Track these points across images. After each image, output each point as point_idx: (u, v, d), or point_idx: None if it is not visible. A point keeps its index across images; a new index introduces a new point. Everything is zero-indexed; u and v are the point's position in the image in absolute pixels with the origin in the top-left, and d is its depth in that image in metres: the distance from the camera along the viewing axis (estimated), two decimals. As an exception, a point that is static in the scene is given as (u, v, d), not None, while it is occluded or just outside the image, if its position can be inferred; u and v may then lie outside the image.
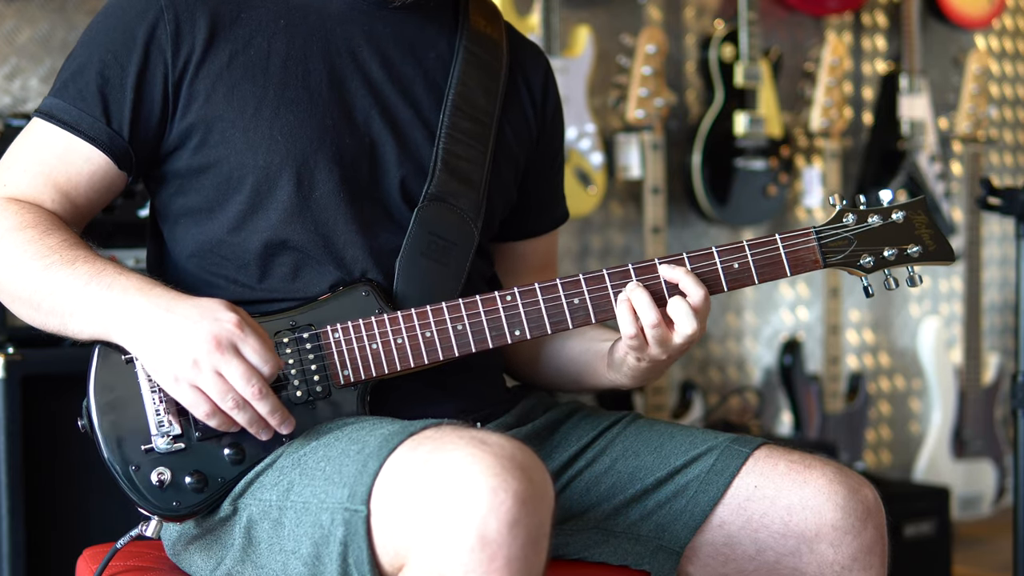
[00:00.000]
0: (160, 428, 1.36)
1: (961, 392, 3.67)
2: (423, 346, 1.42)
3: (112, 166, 1.45)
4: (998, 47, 4.02)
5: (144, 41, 1.44)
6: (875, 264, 1.48)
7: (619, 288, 1.45)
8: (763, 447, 1.49)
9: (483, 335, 1.43)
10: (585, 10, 3.21)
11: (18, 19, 2.56)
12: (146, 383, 1.36)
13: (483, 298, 1.43)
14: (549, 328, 1.44)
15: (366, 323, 1.42)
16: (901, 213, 1.49)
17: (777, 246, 1.47)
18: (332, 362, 1.41)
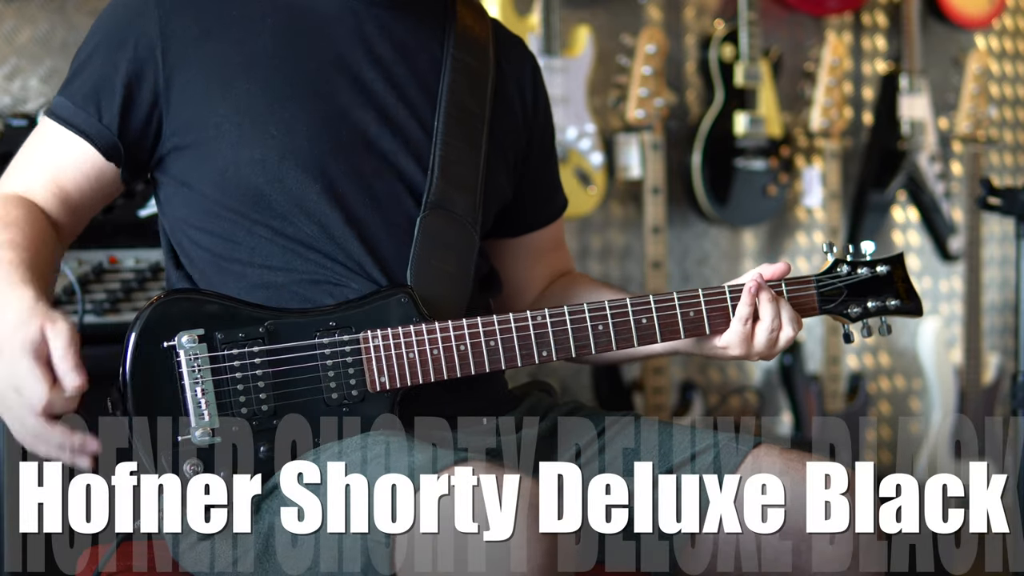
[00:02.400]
0: (199, 420, 1.37)
1: (961, 392, 3.67)
2: (457, 359, 1.46)
3: (100, 158, 1.51)
4: (998, 47, 4.02)
5: (135, 41, 1.49)
6: (860, 314, 1.59)
7: (641, 316, 1.50)
8: (761, 445, 1.49)
9: (513, 353, 1.47)
10: (585, 10, 3.21)
11: (18, 19, 2.56)
12: (188, 371, 1.37)
13: (515, 316, 1.48)
14: (574, 352, 1.50)
15: (405, 331, 1.45)
16: (885, 267, 1.59)
17: (782, 289, 1.56)
18: (370, 368, 1.43)
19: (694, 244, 3.44)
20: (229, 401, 1.38)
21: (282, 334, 1.42)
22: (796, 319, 1.53)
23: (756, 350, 1.53)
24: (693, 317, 1.52)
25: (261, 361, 1.40)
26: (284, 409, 1.40)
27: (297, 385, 1.41)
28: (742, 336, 1.52)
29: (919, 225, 3.79)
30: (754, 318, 1.52)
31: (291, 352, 1.41)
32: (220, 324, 1.39)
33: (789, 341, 1.54)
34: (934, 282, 3.88)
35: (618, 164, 3.14)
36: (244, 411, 1.39)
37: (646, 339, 1.51)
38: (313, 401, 1.42)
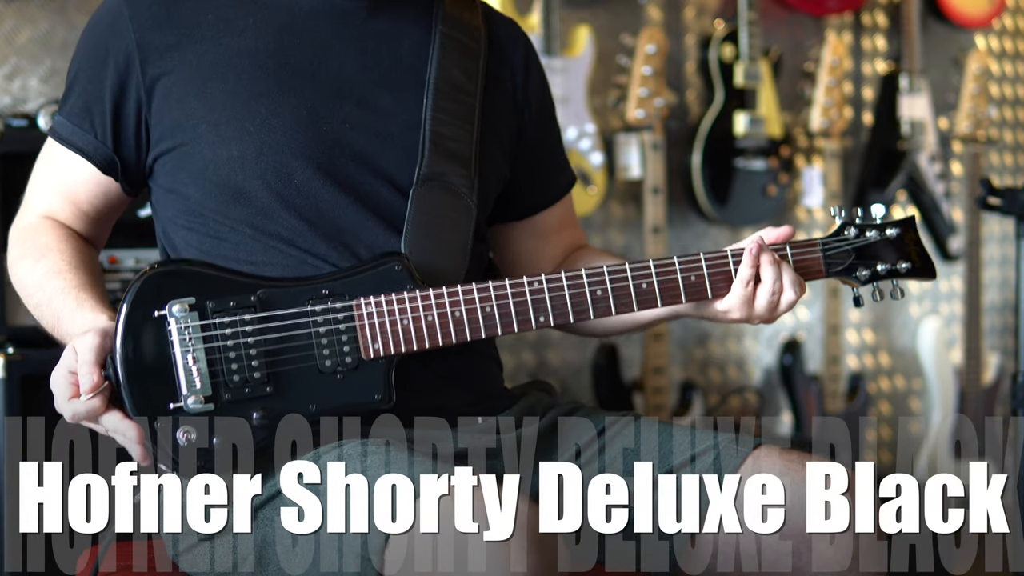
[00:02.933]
0: (192, 388, 1.37)
1: (961, 392, 3.67)
2: (452, 325, 1.45)
3: (100, 174, 1.56)
4: (998, 47, 4.02)
5: (114, 55, 1.52)
6: (869, 277, 1.56)
7: (641, 281, 1.48)
8: (762, 446, 1.49)
9: (509, 319, 1.46)
10: (585, 10, 3.21)
11: (18, 19, 2.57)
12: (178, 340, 1.38)
13: (511, 282, 1.46)
14: (572, 317, 1.48)
15: (399, 298, 1.44)
16: (895, 230, 1.58)
17: (787, 254, 1.53)
18: (363, 334, 1.43)
19: (694, 244, 3.44)
20: (221, 368, 1.39)
21: (274, 302, 1.42)
22: (798, 282, 1.52)
23: (757, 313, 1.52)
24: (695, 281, 1.51)
25: (253, 329, 1.40)
26: (277, 377, 1.40)
27: (290, 352, 1.41)
28: (743, 299, 1.51)
29: (919, 225, 3.78)
30: (756, 281, 1.51)
31: (283, 320, 1.41)
32: (211, 293, 1.40)
33: (791, 305, 1.52)
34: (934, 282, 3.88)
35: (618, 164, 3.14)
36: (236, 379, 1.39)
37: (646, 304, 1.50)
38: (306, 368, 1.41)
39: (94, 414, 1.36)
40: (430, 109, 1.56)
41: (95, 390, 1.35)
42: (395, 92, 1.55)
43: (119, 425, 1.37)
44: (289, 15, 1.54)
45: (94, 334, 1.38)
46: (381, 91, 1.54)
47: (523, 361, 3.20)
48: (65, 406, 1.37)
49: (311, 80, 1.51)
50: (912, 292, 3.84)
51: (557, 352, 3.25)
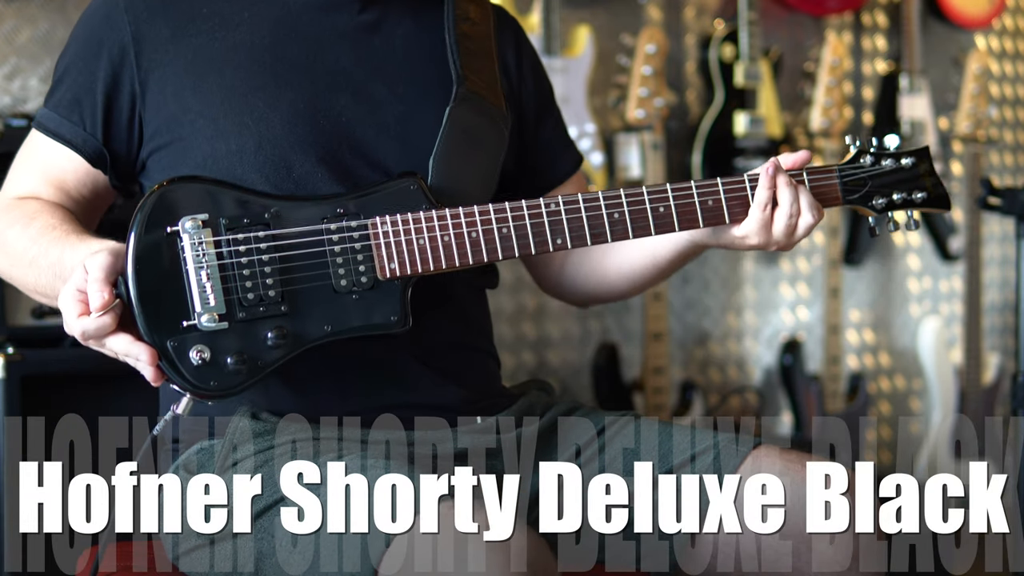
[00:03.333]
0: (205, 306, 1.35)
1: (961, 392, 3.67)
2: (468, 246, 1.43)
3: (88, 167, 1.54)
4: (998, 47, 4.02)
5: (108, 48, 1.51)
6: (885, 206, 1.56)
7: (658, 205, 1.47)
8: (761, 446, 1.49)
9: (526, 240, 1.45)
10: (585, 10, 3.21)
11: (18, 19, 2.57)
12: (192, 256, 1.35)
13: (528, 203, 1.45)
14: (589, 239, 1.46)
15: (415, 218, 1.42)
16: (910, 159, 1.56)
17: (804, 179, 1.52)
18: (379, 254, 1.41)
19: (694, 244, 3.44)
20: (235, 286, 1.36)
21: (288, 219, 1.39)
22: (816, 206, 1.50)
23: (775, 238, 1.50)
24: (712, 206, 1.49)
25: (267, 247, 1.38)
26: (292, 295, 1.38)
27: (305, 271, 1.39)
28: (761, 223, 1.49)
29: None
30: (773, 205, 1.50)
31: (298, 237, 1.39)
32: (225, 209, 1.37)
33: (809, 228, 1.50)
34: (934, 282, 3.88)
35: (618, 164, 3.14)
36: (251, 296, 1.36)
37: (663, 227, 1.48)
38: (321, 287, 1.39)
39: (104, 331, 1.32)
40: (455, 52, 1.56)
41: (106, 307, 1.32)
42: (390, 83, 1.55)
43: (131, 348, 1.34)
44: (284, 9, 1.54)
45: (105, 253, 1.35)
46: (376, 82, 1.54)
47: (523, 361, 3.20)
48: (74, 323, 1.33)
49: (307, 73, 1.51)
50: (912, 292, 3.84)
51: (557, 352, 3.25)
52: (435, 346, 1.54)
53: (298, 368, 1.49)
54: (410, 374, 1.51)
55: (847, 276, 3.66)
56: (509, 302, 3.17)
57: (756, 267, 3.56)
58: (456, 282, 1.59)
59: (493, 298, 1.73)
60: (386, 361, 1.51)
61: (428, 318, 1.54)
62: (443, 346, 1.55)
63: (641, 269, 1.65)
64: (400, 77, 1.55)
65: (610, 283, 1.70)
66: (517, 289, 3.18)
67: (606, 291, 1.72)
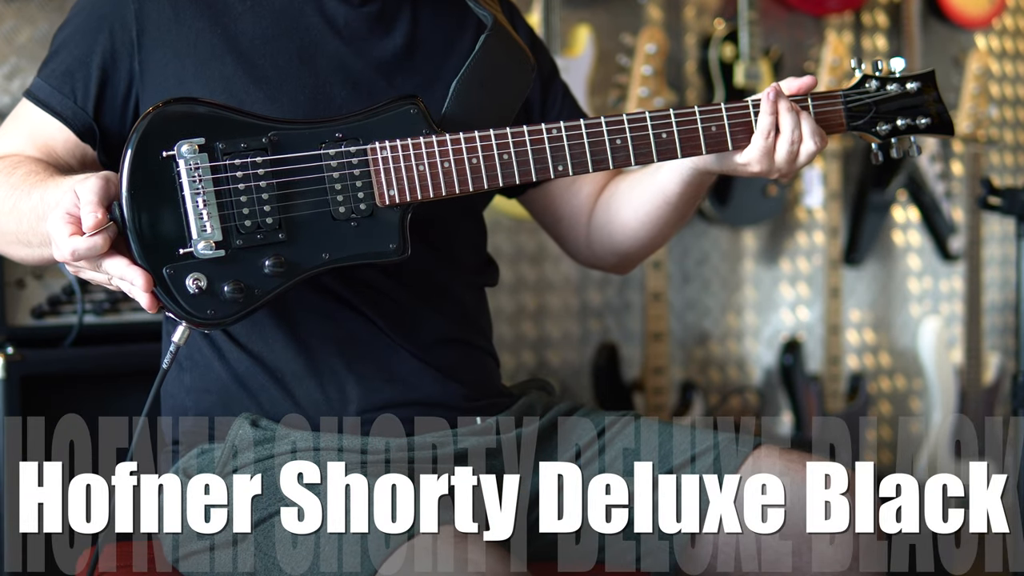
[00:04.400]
0: (202, 232, 1.32)
1: (961, 392, 3.67)
2: (469, 172, 1.41)
3: (76, 139, 1.51)
4: (998, 47, 4.02)
5: (111, 24, 1.49)
6: (890, 132, 1.53)
7: (661, 131, 1.45)
8: (762, 446, 1.49)
9: (528, 167, 1.42)
10: (585, 10, 3.21)
11: (18, 19, 2.57)
12: (188, 181, 1.32)
13: (530, 129, 1.43)
14: (591, 165, 1.44)
15: (415, 143, 1.39)
16: (915, 84, 1.53)
17: (808, 105, 1.50)
18: (378, 180, 1.38)
19: (694, 244, 3.44)
20: (232, 212, 1.33)
21: (286, 144, 1.36)
22: (818, 132, 1.48)
23: (777, 165, 1.48)
24: (715, 132, 1.47)
25: (265, 172, 1.34)
26: (290, 223, 1.35)
27: (303, 197, 1.36)
28: (763, 151, 1.47)
29: (919, 225, 3.79)
30: (776, 132, 1.47)
31: (296, 163, 1.36)
32: (221, 133, 1.33)
33: (811, 156, 1.48)
34: (934, 282, 3.88)
35: (618, 164, 3.13)
36: (248, 223, 1.33)
37: (666, 154, 1.45)
38: (320, 214, 1.37)
39: (95, 252, 1.28)
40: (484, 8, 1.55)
41: (98, 227, 1.27)
42: (390, 76, 1.54)
43: (126, 272, 1.29)
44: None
45: (96, 177, 1.30)
46: (376, 75, 1.54)
47: (523, 361, 3.20)
48: (65, 243, 1.28)
49: (307, 65, 1.51)
50: (912, 292, 3.84)
51: (557, 352, 3.25)
52: (434, 343, 1.54)
53: (297, 367, 1.49)
54: (409, 372, 1.51)
55: (847, 276, 3.66)
56: (509, 302, 3.17)
57: (756, 267, 3.56)
58: (456, 280, 1.59)
59: (493, 298, 1.73)
60: (385, 359, 1.51)
61: (427, 315, 1.54)
62: (442, 343, 1.55)
63: (656, 210, 1.63)
64: (400, 69, 1.55)
65: (633, 233, 1.67)
66: (517, 289, 3.18)
67: (632, 244, 1.69)
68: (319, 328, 1.49)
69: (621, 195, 1.66)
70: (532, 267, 3.19)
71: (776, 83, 1.50)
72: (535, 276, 3.19)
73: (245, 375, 1.50)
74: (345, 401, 1.49)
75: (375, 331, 1.50)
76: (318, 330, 1.49)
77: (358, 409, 1.49)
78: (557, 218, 1.74)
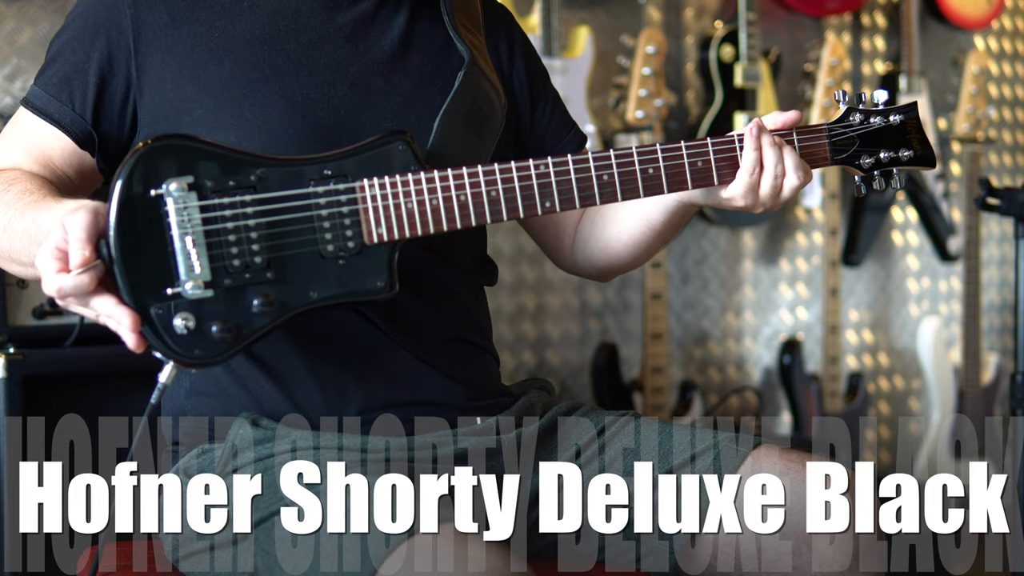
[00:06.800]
0: (190, 273, 1.31)
1: (960, 392, 3.68)
2: (457, 209, 1.40)
3: (75, 147, 1.51)
4: (997, 48, 4.03)
5: (107, 30, 1.49)
6: (872, 165, 1.55)
7: (647, 166, 1.46)
8: (761, 446, 1.49)
9: (515, 203, 1.42)
10: (585, 10, 3.21)
11: (19, 20, 2.57)
12: (176, 221, 1.31)
13: (517, 165, 1.42)
14: (578, 202, 1.44)
15: (403, 180, 1.39)
16: (899, 116, 1.55)
17: (792, 138, 1.52)
18: (367, 218, 1.37)
19: (693, 244, 3.44)
20: (221, 252, 1.32)
21: (275, 182, 1.34)
22: (802, 167, 1.49)
23: (761, 200, 1.49)
24: (701, 167, 1.47)
25: (253, 211, 1.33)
26: (278, 261, 1.34)
27: (291, 236, 1.35)
28: (748, 186, 1.48)
29: (918, 225, 3.79)
30: (760, 167, 1.48)
31: (284, 201, 1.35)
32: (210, 171, 1.32)
33: (795, 190, 1.49)
34: (933, 282, 3.88)
35: (618, 164, 3.13)
36: (236, 263, 1.32)
37: (652, 190, 1.46)
38: (308, 253, 1.36)
39: (81, 290, 1.27)
40: (461, 43, 1.56)
41: (86, 265, 1.26)
42: (387, 75, 1.54)
43: (113, 310, 1.28)
44: (283, 0, 1.54)
45: (85, 211, 1.29)
46: (374, 74, 1.54)
47: (523, 361, 3.20)
48: (52, 280, 1.27)
49: (305, 66, 1.51)
50: (911, 292, 3.85)
51: (557, 352, 3.25)
52: (434, 343, 1.54)
53: (297, 367, 1.49)
54: (409, 371, 1.51)
55: (846, 276, 3.66)
56: (509, 302, 3.17)
57: (755, 267, 3.57)
58: (455, 279, 1.59)
59: (493, 298, 1.73)
60: (385, 358, 1.51)
61: (427, 315, 1.54)
62: (442, 343, 1.55)
63: (639, 235, 1.64)
64: (397, 68, 1.55)
65: (615, 253, 1.69)
66: (517, 289, 3.18)
67: (614, 262, 1.71)
68: (318, 328, 1.49)
69: (607, 215, 1.67)
70: (532, 267, 3.19)
71: (759, 118, 1.51)
72: (535, 276, 3.19)
73: (245, 376, 1.50)
74: (345, 401, 1.49)
75: (374, 331, 1.50)
76: (317, 330, 1.49)
77: (358, 409, 1.49)
78: (543, 225, 1.76)
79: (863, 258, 3.68)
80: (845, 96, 1.55)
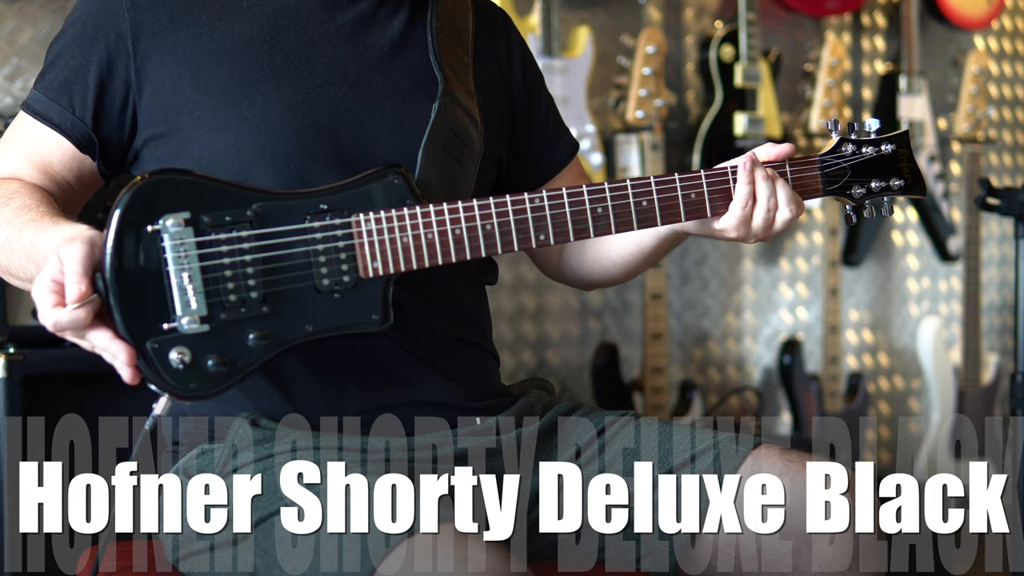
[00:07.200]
0: (186, 308, 1.31)
1: (960, 392, 3.68)
2: (452, 243, 1.41)
3: (75, 151, 1.52)
4: (997, 48, 4.03)
5: (106, 33, 1.50)
6: (864, 195, 1.56)
7: (641, 199, 1.47)
8: (761, 446, 1.49)
9: (510, 236, 1.43)
10: (585, 10, 3.21)
11: (19, 20, 2.57)
12: (173, 257, 1.31)
13: (512, 198, 1.43)
14: (572, 235, 1.45)
15: (399, 215, 1.39)
16: (890, 146, 1.56)
17: (785, 170, 1.53)
18: (362, 252, 1.38)
19: (693, 244, 3.44)
20: (217, 288, 1.33)
21: (271, 217, 1.35)
22: (794, 199, 1.50)
23: (753, 232, 1.51)
24: (695, 199, 1.49)
25: (250, 247, 1.34)
26: (274, 296, 1.35)
27: (287, 271, 1.36)
28: (741, 219, 1.50)
29: (918, 225, 3.79)
30: (753, 200, 1.50)
31: (281, 236, 1.36)
32: (206, 206, 1.32)
33: (787, 223, 1.50)
34: (933, 282, 3.88)
35: (618, 164, 3.14)
36: (233, 298, 1.33)
37: (646, 222, 1.47)
38: (304, 288, 1.36)
39: (78, 324, 1.27)
40: (439, 68, 1.56)
41: (82, 300, 1.27)
42: (386, 74, 1.55)
43: (109, 344, 1.29)
44: (282, 0, 1.54)
45: (81, 243, 1.29)
46: (373, 74, 1.54)
47: (523, 361, 3.20)
48: (48, 314, 1.27)
49: (304, 65, 1.51)
50: (911, 292, 3.85)
51: (557, 352, 3.25)
52: (434, 343, 1.54)
53: (297, 368, 1.49)
54: (409, 372, 1.51)
55: (846, 276, 3.66)
56: (509, 302, 3.17)
57: (755, 267, 3.57)
58: (455, 279, 1.59)
59: (493, 298, 1.73)
60: (385, 359, 1.51)
61: (427, 315, 1.54)
62: (442, 343, 1.55)
63: (629, 257, 1.67)
64: (396, 68, 1.55)
65: (604, 270, 1.71)
66: (517, 289, 3.18)
67: (602, 277, 1.74)
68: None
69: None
70: (532, 267, 3.19)
71: (753, 151, 1.52)
72: (535, 276, 3.19)
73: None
74: (345, 401, 1.49)
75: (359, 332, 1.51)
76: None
77: (358, 409, 1.49)
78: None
79: (863, 258, 3.68)
80: (837, 126, 1.56)
